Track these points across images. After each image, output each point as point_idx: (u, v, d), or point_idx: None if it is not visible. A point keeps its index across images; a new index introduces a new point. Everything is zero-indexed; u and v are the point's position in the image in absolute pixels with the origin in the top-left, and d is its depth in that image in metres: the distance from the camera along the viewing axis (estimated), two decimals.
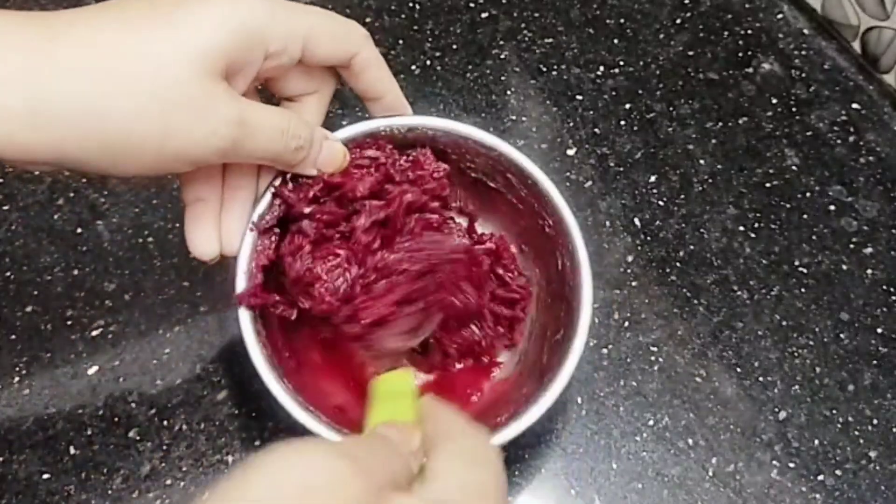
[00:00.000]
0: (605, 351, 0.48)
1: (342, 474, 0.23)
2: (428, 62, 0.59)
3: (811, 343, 0.49)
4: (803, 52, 0.62)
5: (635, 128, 0.57)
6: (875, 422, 0.46)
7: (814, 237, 0.53)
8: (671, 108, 0.58)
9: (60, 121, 0.29)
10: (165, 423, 0.44)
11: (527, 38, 0.61)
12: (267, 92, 0.39)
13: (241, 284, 0.38)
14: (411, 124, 0.42)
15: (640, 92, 0.59)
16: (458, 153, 0.43)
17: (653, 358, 0.48)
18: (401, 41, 0.60)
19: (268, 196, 0.39)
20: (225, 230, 0.37)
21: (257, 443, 0.44)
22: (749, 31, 0.63)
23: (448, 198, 0.44)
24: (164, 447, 0.43)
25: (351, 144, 0.40)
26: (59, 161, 0.31)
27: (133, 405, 0.44)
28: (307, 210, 0.38)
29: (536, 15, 0.63)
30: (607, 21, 0.63)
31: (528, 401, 0.37)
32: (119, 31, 0.30)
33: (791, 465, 0.45)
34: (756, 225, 0.53)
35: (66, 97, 0.29)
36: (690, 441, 0.45)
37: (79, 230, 0.50)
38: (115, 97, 0.30)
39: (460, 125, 0.43)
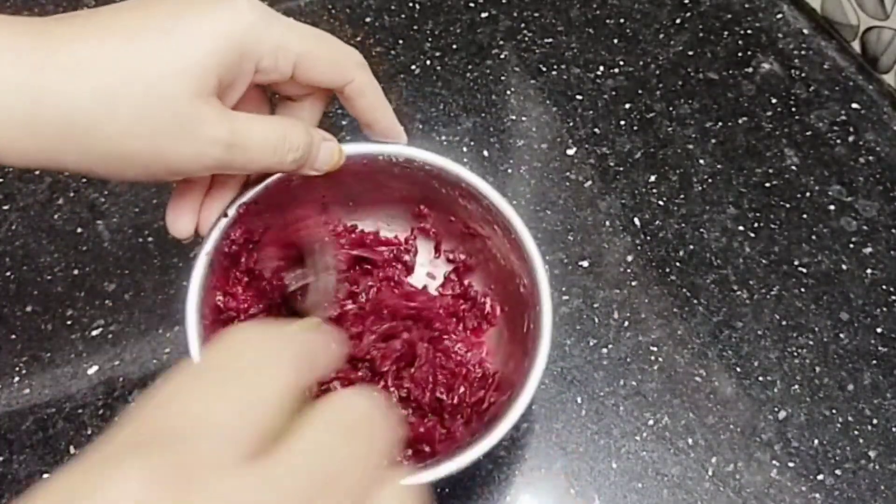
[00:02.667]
0: (604, 351, 0.48)
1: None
2: (428, 62, 0.59)
3: (811, 343, 0.49)
4: (803, 52, 0.62)
5: (635, 128, 0.57)
6: (875, 421, 0.46)
7: (813, 237, 0.53)
8: (671, 108, 0.58)
9: (58, 131, 0.30)
10: None
11: (527, 38, 0.61)
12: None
13: (200, 266, 0.38)
14: (409, 156, 0.42)
15: (639, 92, 0.59)
16: (451, 195, 0.43)
17: (652, 357, 0.48)
18: (401, 41, 0.60)
19: (255, 188, 0.39)
20: (205, 214, 0.38)
21: None
22: (749, 31, 0.63)
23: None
24: None
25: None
26: (59, 167, 0.32)
27: (133, 405, 0.44)
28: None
29: (536, 15, 0.63)
30: (607, 21, 0.63)
31: (469, 442, 0.36)
32: (113, 45, 0.31)
33: (791, 464, 0.45)
34: (756, 225, 0.53)
35: (63, 110, 0.30)
36: (690, 441, 0.45)
37: (79, 230, 0.50)
38: (107, 112, 0.30)
39: (456, 166, 0.42)
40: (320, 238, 0.42)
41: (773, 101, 0.59)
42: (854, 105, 0.59)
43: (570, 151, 0.56)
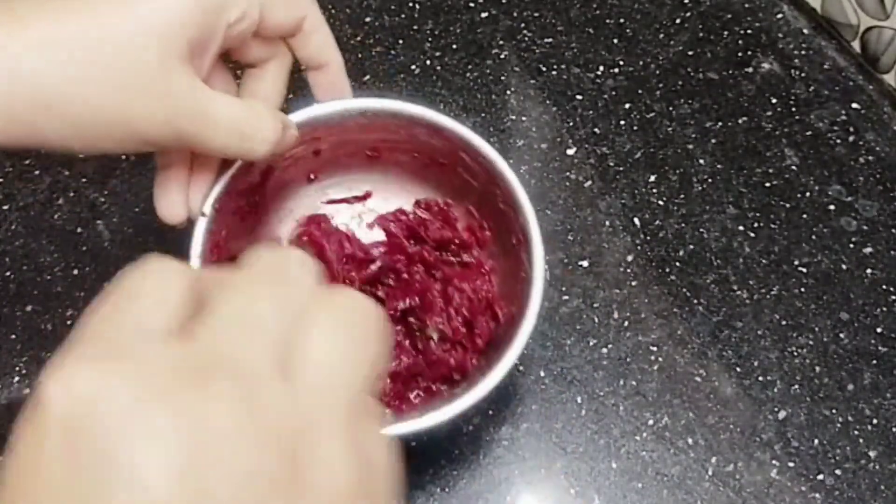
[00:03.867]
0: (604, 350, 0.48)
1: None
2: (428, 62, 0.59)
3: (811, 342, 0.49)
4: (803, 52, 0.62)
5: (635, 127, 0.57)
6: (875, 421, 0.46)
7: (813, 237, 0.53)
8: (671, 108, 0.58)
9: (32, 105, 0.30)
10: None
11: (526, 38, 0.61)
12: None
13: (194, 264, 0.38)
14: (361, 107, 0.42)
15: (639, 92, 0.59)
16: (412, 133, 0.44)
17: (652, 357, 0.48)
18: (401, 41, 0.60)
19: (224, 179, 0.39)
20: (193, 195, 0.39)
21: None
22: (749, 31, 0.63)
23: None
24: None
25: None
26: (38, 143, 0.32)
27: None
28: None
29: (536, 15, 0.63)
30: (607, 21, 0.63)
31: (478, 378, 0.37)
32: (80, 16, 0.31)
33: (790, 464, 0.45)
34: (755, 224, 0.53)
35: (35, 84, 0.30)
36: (690, 440, 0.45)
37: (79, 230, 0.50)
38: (82, 83, 0.31)
39: (409, 105, 0.43)
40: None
41: (773, 100, 0.59)
42: (854, 105, 0.59)
43: (570, 151, 0.56)
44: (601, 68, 0.60)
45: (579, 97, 0.58)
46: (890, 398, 0.47)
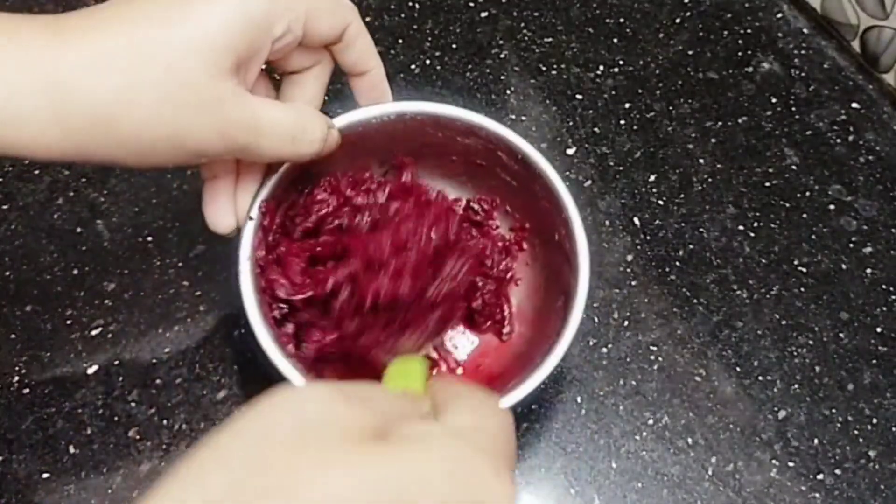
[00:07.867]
0: (604, 350, 0.48)
1: (337, 407, 0.22)
2: (428, 62, 0.59)
3: (811, 342, 0.49)
4: (803, 52, 0.62)
5: (635, 127, 0.57)
6: (874, 421, 0.46)
7: (813, 236, 0.53)
8: (671, 108, 0.58)
9: (83, 121, 0.31)
10: (165, 422, 0.44)
11: (526, 38, 0.61)
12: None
13: (244, 270, 0.38)
14: (399, 111, 0.43)
15: (639, 91, 0.59)
16: (448, 135, 0.44)
17: (652, 357, 0.48)
18: (400, 41, 0.60)
19: (271, 182, 0.40)
20: (241, 205, 0.39)
21: None
22: (749, 31, 0.63)
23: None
24: (164, 447, 0.43)
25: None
26: (85, 158, 0.32)
27: (133, 404, 0.44)
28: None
29: (536, 14, 0.63)
30: (607, 21, 0.63)
31: (527, 370, 0.38)
32: (129, 33, 0.31)
33: (790, 464, 0.45)
34: (755, 224, 0.53)
35: (86, 99, 0.30)
36: (690, 440, 0.45)
37: (78, 229, 0.50)
38: (131, 98, 0.31)
39: (447, 107, 0.43)
40: None
41: (773, 100, 0.59)
42: (854, 104, 0.59)
43: (570, 151, 0.56)
44: (601, 68, 0.60)
45: (579, 97, 0.58)
46: (890, 398, 0.47)
